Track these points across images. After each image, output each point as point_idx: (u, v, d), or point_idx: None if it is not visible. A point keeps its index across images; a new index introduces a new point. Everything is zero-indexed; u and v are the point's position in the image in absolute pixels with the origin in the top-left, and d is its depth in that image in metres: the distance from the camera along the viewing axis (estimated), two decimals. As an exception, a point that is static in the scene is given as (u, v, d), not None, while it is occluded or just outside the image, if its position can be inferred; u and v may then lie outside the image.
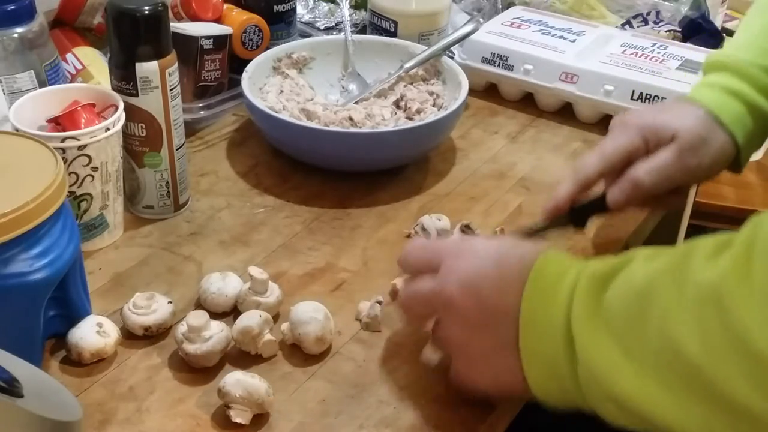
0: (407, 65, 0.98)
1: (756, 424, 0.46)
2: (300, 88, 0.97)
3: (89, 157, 0.73)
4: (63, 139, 0.71)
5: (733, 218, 1.63)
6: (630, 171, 0.71)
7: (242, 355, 0.67)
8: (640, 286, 0.51)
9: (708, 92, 0.74)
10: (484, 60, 1.06)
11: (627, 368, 0.50)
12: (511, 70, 1.04)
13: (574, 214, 0.74)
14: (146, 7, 0.74)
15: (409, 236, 0.82)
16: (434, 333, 0.63)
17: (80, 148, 0.72)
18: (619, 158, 0.72)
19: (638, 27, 1.18)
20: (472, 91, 1.00)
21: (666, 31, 1.17)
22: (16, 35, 0.82)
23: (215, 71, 0.97)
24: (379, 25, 1.07)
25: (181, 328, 0.65)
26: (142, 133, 0.78)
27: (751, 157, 0.76)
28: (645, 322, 0.50)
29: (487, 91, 1.08)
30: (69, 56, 0.95)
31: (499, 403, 0.63)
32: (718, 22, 1.21)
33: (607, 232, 0.82)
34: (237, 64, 0.97)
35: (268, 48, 1.00)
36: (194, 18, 0.98)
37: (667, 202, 0.77)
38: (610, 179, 0.73)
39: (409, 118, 0.94)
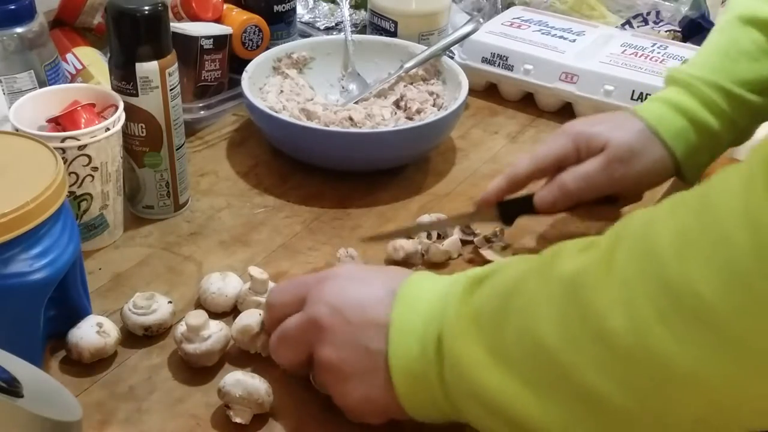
0: (407, 65, 0.98)
1: (615, 418, 0.46)
2: (300, 88, 0.97)
3: (89, 157, 0.73)
4: (63, 139, 0.71)
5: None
6: (559, 176, 0.74)
7: (242, 355, 0.67)
8: (508, 283, 0.52)
9: (651, 106, 0.76)
10: (484, 60, 1.06)
11: (492, 365, 0.50)
12: (511, 70, 1.04)
13: (503, 209, 0.77)
14: (146, 7, 0.74)
15: (409, 236, 0.82)
16: (314, 371, 0.61)
17: (80, 148, 0.72)
18: (550, 163, 0.75)
19: (638, 27, 1.18)
20: (472, 91, 1.00)
21: (666, 31, 1.17)
22: (16, 35, 0.82)
23: (215, 71, 0.97)
24: (379, 25, 1.07)
25: (181, 328, 0.65)
26: (142, 133, 0.78)
27: (702, 170, 0.76)
28: (508, 316, 0.50)
29: (487, 91, 1.08)
30: (69, 56, 0.95)
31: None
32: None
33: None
34: (237, 64, 0.97)
35: (268, 48, 1.00)
36: (194, 18, 0.98)
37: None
38: (546, 178, 0.76)
39: (409, 118, 0.94)
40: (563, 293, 0.47)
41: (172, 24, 0.79)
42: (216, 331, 0.65)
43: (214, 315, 0.69)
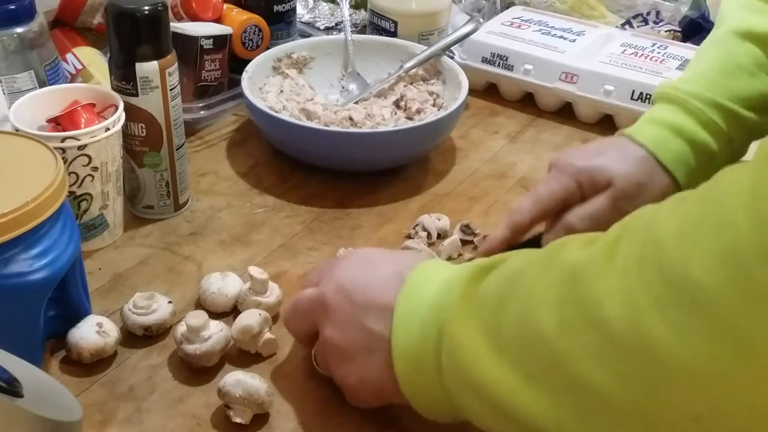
0: (407, 65, 0.98)
1: (606, 411, 0.44)
2: (300, 88, 0.97)
3: (89, 157, 0.73)
4: (63, 139, 0.71)
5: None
6: (564, 218, 0.71)
7: (242, 355, 0.67)
8: (512, 271, 0.51)
9: (650, 129, 0.73)
10: (484, 60, 1.06)
11: (487, 351, 0.49)
12: (511, 70, 1.04)
13: None
14: (146, 7, 0.74)
15: (409, 236, 0.82)
16: (316, 348, 0.63)
17: (80, 148, 0.72)
18: (554, 204, 0.72)
19: (638, 27, 1.18)
20: (472, 91, 1.00)
21: (666, 31, 1.17)
22: (16, 35, 0.82)
23: (215, 71, 0.97)
24: (379, 25, 1.07)
25: (180, 328, 0.65)
26: (142, 133, 0.78)
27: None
28: (507, 302, 0.49)
29: (487, 91, 1.08)
30: (69, 56, 0.95)
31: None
32: (718, 22, 1.21)
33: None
34: (237, 64, 0.97)
35: (268, 48, 1.00)
36: (194, 18, 0.98)
37: None
38: (547, 221, 0.73)
39: (409, 118, 0.94)
40: (563, 279, 0.46)
41: (172, 24, 0.79)
42: (216, 332, 0.65)
43: (214, 315, 0.69)
